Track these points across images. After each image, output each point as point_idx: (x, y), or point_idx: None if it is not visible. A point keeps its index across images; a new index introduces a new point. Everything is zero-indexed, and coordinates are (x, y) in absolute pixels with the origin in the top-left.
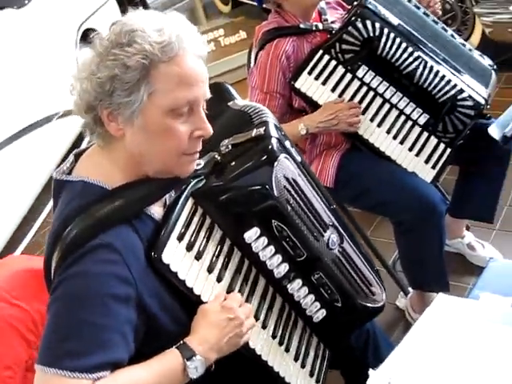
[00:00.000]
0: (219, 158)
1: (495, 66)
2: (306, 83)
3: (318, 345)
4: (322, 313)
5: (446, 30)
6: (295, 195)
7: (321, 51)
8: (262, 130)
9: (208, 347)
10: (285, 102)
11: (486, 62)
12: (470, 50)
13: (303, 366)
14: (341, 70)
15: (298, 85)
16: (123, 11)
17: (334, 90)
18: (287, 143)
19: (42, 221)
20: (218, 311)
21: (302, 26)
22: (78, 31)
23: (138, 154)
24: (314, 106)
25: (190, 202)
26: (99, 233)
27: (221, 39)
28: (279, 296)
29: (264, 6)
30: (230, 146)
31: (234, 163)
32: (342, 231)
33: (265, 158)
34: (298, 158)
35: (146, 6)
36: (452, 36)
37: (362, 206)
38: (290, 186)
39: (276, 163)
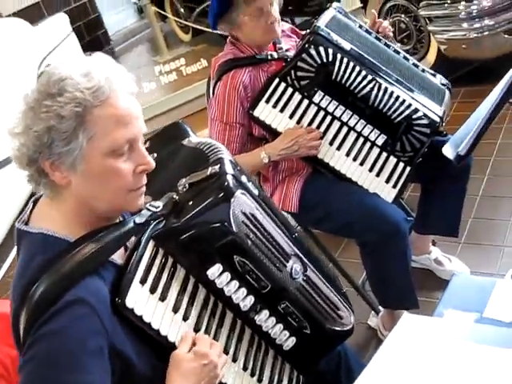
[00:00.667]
0: (177, 197)
1: (449, 85)
2: (265, 111)
3: (291, 371)
4: (292, 340)
5: (398, 53)
6: (254, 229)
7: (277, 79)
8: (217, 167)
9: None
10: (245, 131)
11: (440, 81)
12: (423, 70)
13: None
14: (297, 96)
15: (256, 113)
16: (83, 46)
17: (291, 116)
18: (243, 178)
19: (8, 264)
20: (192, 359)
21: (257, 56)
22: (39, 67)
23: (87, 198)
24: (273, 133)
25: (151, 244)
26: (69, 288)
27: (182, 68)
28: (248, 328)
29: (218, 31)
30: (187, 186)
31: (191, 202)
32: (304, 260)
33: (221, 195)
34: (256, 192)
35: (107, 39)
36: (405, 58)
37: (327, 229)
38: (248, 220)
39: (233, 199)
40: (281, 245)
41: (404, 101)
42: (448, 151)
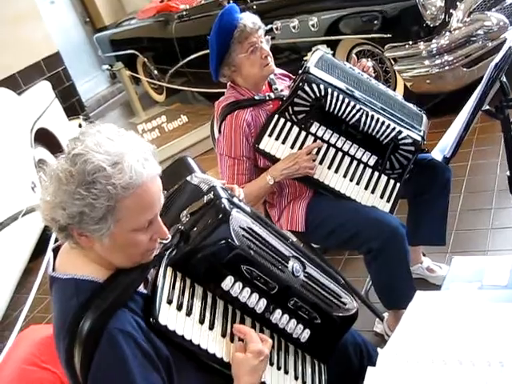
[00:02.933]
0: (182, 227)
1: (424, 110)
2: (269, 144)
3: (312, 361)
4: (307, 332)
5: (378, 84)
6: (254, 239)
7: (277, 116)
8: (211, 194)
9: None
10: (251, 164)
11: (415, 108)
12: (401, 99)
13: (304, 382)
14: (296, 129)
15: (261, 146)
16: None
17: (292, 146)
18: (235, 199)
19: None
20: (251, 358)
21: (256, 97)
22: (31, 132)
23: (106, 257)
24: (277, 162)
25: (169, 270)
26: (108, 321)
27: (164, 125)
28: (266, 329)
29: (220, 79)
30: (188, 216)
31: (195, 228)
32: (302, 259)
33: (220, 216)
34: (248, 209)
35: (81, 105)
36: (385, 88)
37: (334, 244)
38: (247, 233)
39: (231, 218)
40: (279, 249)
41: (389, 125)
42: (437, 155)
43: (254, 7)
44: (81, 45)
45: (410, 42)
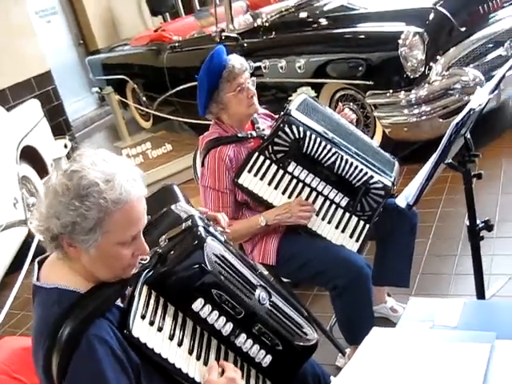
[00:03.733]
0: (160, 250)
1: (396, 158)
2: (247, 179)
3: None
4: (269, 357)
5: (355, 131)
6: (225, 266)
7: (257, 153)
8: (189, 222)
9: None
10: (234, 196)
11: (389, 155)
12: (376, 145)
13: None
14: (274, 167)
15: (240, 181)
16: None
17: (270, 183)
18: (211, 228)
19: None
20: (225, 383)
21: (239, 134)
22: (17, 148)
23: (91, 269)
24: (255, 198)
25: (145, 288)
26: (87, 328)
27: (148, 152)
28: (231, 351)
29: (206, 116)
30: (167, 240)
31: (172, 252)
32: (269, 289)
33: (196, 243)
34: (222, 238)
35: (68, 125)
36: (361, 135)
37: (303, 278)
38: (219, 260)
39: (205, 245)
40: (248, 278)
41: (362, 169)
42: (401, 201)
43: (245, 45)
44: (73, 66)
45: (391, 91)
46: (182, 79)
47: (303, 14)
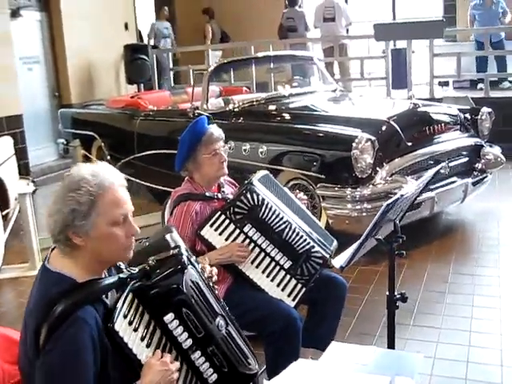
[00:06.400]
0: (148, 268)
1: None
2: (208, 232)
3: None
4: (215, 376)
5: (305, 209)
6: (197, 292)
7: (219, 212)
8: (176, 250)
9: None
10: (192, 245)
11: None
12: (320, 224)
13: None
14: (232, 226)
15: (202, 233)
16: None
17: (227, 239)
18: (192, 259)
19: None
20: (158, 365)
21: (207, 194)
22: None
23: (97, 252)
24: (211, 248)
25: (130, 295)
26: (77, 309)
27: None
28: (185, 364)
29: (181, 173)
30: (155, 261)
31: (158, 271)
32: (227, 319)
33: (179, 267)
34: (199, 269)
35: (27, 169)
36: (309, 213)
37: (243, 325)
38: (194, 285)
39: (186, 271)
40: (212, 305)
41: (306, 239)
42: (336, 263)
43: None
44: (43, 115)
45: (339, 186)
46: (150, 145)
47: (272, 107)
